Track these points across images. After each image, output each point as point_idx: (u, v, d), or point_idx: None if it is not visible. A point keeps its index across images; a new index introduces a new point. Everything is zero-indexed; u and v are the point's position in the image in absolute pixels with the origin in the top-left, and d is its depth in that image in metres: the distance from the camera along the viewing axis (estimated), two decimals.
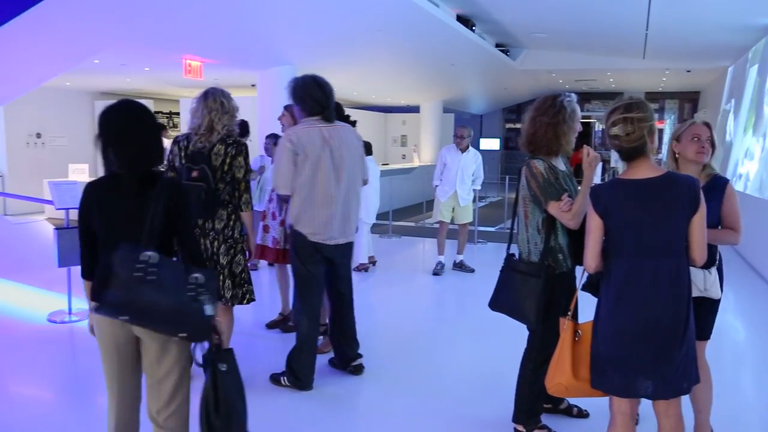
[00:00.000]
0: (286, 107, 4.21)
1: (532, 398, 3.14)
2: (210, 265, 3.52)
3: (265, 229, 4.84)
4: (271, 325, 5.00)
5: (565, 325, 2.57)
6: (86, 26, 6.72)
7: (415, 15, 8.11)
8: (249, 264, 3.73)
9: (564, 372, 2.51)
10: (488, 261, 8.16)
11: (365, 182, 3.90)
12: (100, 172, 2.34)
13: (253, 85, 11.86)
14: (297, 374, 3.77)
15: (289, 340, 4.71)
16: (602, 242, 2.41)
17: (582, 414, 3.48)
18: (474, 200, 7.52)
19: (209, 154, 3.47)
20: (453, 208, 7.19)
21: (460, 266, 7.31)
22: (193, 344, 2.30)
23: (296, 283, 3.77)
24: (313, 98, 3.58)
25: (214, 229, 3.51)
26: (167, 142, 10.18)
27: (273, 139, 6.53)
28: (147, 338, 2.26)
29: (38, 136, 13.49)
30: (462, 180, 7.11)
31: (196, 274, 2.17)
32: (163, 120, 16.80)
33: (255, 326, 5.03)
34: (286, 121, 4.67)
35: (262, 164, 6.19)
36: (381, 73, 12.07)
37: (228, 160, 3.48)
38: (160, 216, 2.20)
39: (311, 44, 8.99)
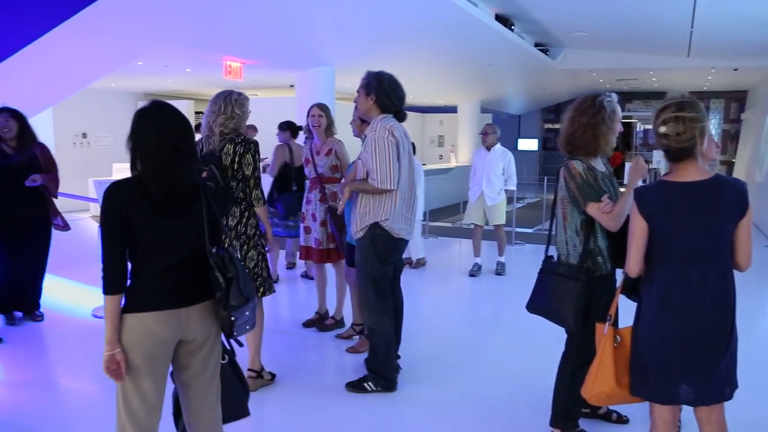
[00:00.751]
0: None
1: (570, 402, 3.10)
2: None
3: (307, 230, 4.86)
4: (307, 324, 5.04)
5: (605, 330, 2.51)
6: (131, 29, 6.89)
7: (454, 15, 8.07)
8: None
9: (606, 379, 2.46)
10: (525, 263, 8.07)
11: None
12: None
13: (291, 86, 11.98)
14: (386, 375, 3.78)
15: (325, 339, 4.77)
16: (646, 246, 2.36)
17: (621, 420, 3.41)
18: (510, 201, 7.43)
19: (220, 154, 3.54)
20: (484, 210, 7.13)
21: (500, 267, 7.22)
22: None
23: (372, 285, 3.69)
24: (398, 96, 3.64)
25: (227, 225, 3.59)
26: None
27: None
28: (197, 337, 2.23)
29: (84, 136, 13.87)
30: (488, 179, 7.00)
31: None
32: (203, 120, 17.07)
33: (291, 324, 5.08)
34: (321, 121, 4.72)
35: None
36: (419, 74, 12.03)
37: (237, 159, 3.54)
38: (213, 217, 2.27)
39: (350, 45, 9.04)
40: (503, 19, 9.94)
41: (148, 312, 2.12)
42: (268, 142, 8.36)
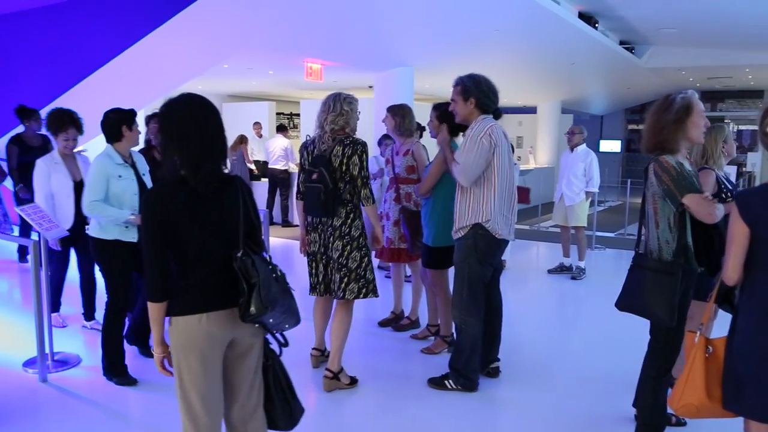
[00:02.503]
0: (438, 112, 4.19)
1: (657, 409, 2.99)
2: (323, 261, 3.74)
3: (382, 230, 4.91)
4: (383, 323, 5.08)
5: (696, 339, 2.40)
6: (220, 34, 7.17)
7: (536, 13, 7.92)
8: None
9: (696, 391, 2.35)
10: (605, 268, 7.84)
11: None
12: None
13: (370, 87, 12.10)
14: (468, 375, 3.76)
15: (401, 339, 4.79)
16: (746, 253, 2.24)
17: (680, 423, 3.34)
18: (591, 204, 7.25)
19: (329, 156, 3.61)
20: (565, 211, 7.03)
21: (575, 271, 7.07)
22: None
23: (467, 285, 3.67)
24: (494, 94, 3.66)
25: (332, 225, 3.65)
26: (287, 142, 10.62)
27: (390, 140, 6.61)
28: (248, 339, 2.21)
29: None
30: (568, 180, 6.95)
31: (278, 267, 2.23)
32: (284, 121, 17.54)
33: (367, 323, 5.13)
34: (389, 123, 4.74)
35: (379, 167, 6.22)
36: (498, 74, 11.83)
37: (345, 161, 3.60)
38: (249, 216, 2.21)
39: (429, 45, 9.04)
40: (587, 17, 9.68)
41: (203, 313, 2.09)
42: None
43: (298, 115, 16.21)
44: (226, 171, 2.21)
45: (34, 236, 4.43)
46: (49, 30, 7.82)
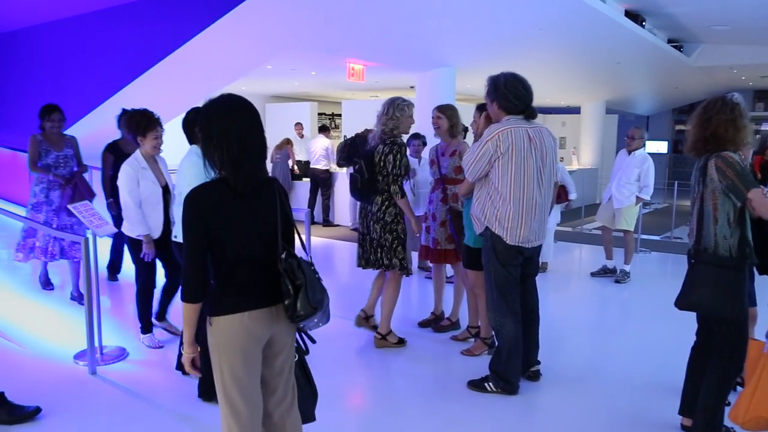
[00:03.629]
0: (481, 111, 4.18)
1: (720, 410, 2.92)
2: (367, 240, 4.45)
3: (427, 230, 4.91)
4: (423, 324, 5.08)
5: (765, 349, 2.32)
6: (265, 35, 7.27)
7: (581, 12, 7.79)
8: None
9: (765, 403, 2.27)
10: (650, 272, 7.67)
11: (556, 184, 3.86)
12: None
13: (412, 87, 12.11)
14: (508, 378, 3.74)
15: (441, 340, 4.78)
16: None
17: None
18: (639, 207, 7.10)
19: (373, 152, 4.29)
20: (613, 213, 6.88)
21: (620, 275, 6.92)
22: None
23: (495, 287, 3.69)
24: (517, 97, 3.55)
25: (371, 211, 4.39)
26: (328, 143, 10.71)
27: (418, 139, 6.61)
28: (283, 336, 2.24)
29: None
30: (619, 182, 6.80)
31: (313, 267, 2.24)
32: (326, 121, 17.69)
33: (407, 324, 5.13)
34: (443, 123, 4.72)
35: (411, 167, 6.17)
36: (541, 74, 11.73)
37: (383, 158, 4.26)
38: (288, 217, 2.22)
39: (471, 45, 8.99)
40: (633, 15, 9.47)
41: (244, 312, 2.12)
42: None
43: (340, 115, 16.33)
44: (265, 172, 2.23)
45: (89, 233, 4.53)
46: (100, 33, 8.08)
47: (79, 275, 5.19)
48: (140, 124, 4.11)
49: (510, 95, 3.53)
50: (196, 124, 3.66)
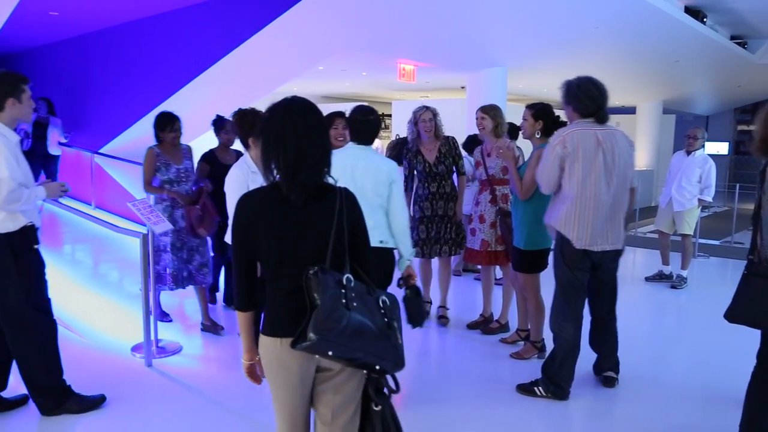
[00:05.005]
0: (533, 110, 4.15)
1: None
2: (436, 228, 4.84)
3: (472, 232, 4.87)
4: (471, 326, 5.04)
5: None
6: (317, 36, 7.36)
7: (639, 9, 7.60)
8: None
9: None
10: (708, 277, 7.40)
11: (633, 189, 3.76)
12: None
13: (462, 87, 12.05)
14: (559, 383, 3.70)
15: (490, 342, 4.74)
16: None
17: None
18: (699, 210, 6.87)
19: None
20: (672, 217, 6.68)
21: (676, 280, 6.72)
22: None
23: (560, 289, 3.69)
24: (589, 97, 3.53)
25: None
26: (378, 143, 10.74)
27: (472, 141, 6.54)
28: (334, 368, 2.00)
29: None
30: (679, 184, 6.58)
31: (384, 297, 1.97)
32: None
33: (455, 325, 5.10)
34: (488, 124, 4.69)
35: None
36: (596, 73, 11.38)
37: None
38: (344, 233, 1.97)
39: (523, 45, 8.88)
40: (694, 12, 9.18)
41: (276, 337, 1.95)
42: None
43: (390, 115, 16.38)
44: (329, 180, 2.03)
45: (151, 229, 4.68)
46: (158, 36, 8.33)
47: (207, 302, 4.87)
48: (254, 125, 3.77)
49: (582, 96, 3.53)
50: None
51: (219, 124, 5.05)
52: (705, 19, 9.46)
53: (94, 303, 5.57)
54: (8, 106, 3.12)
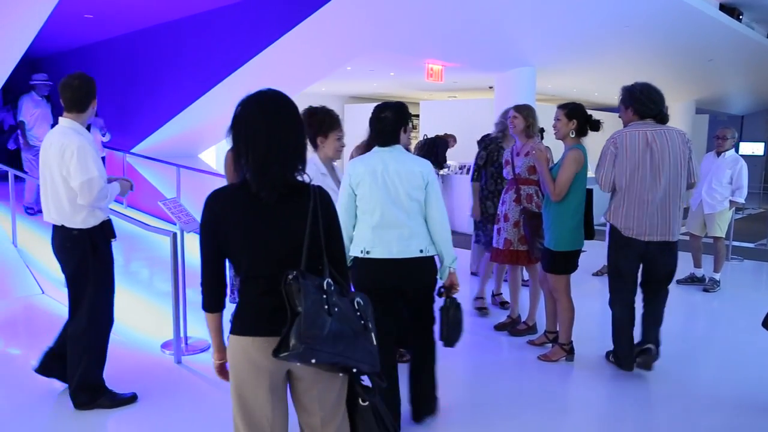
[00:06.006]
0: (566, 110, 4.15)
1: None
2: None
3: (498, 232, 4.85)
4: (499, 327, 5.01)
5: None
6: (344, 37, 7.38)
7: (671, 7, 7.46)
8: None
9: None
10: (743, 280, 7.25)
11: (691, 185, 3.99)
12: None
13: (490, 87, 11.97)
14: (617, 354, 4.10)
15: (517, 344, 4.71)
16: None
17: None
18: (732, 212, 6.73)
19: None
20: (703, 219, 6.55)
21: (709, 283, 6.59)
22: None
23: (609, 274, 4.10)
24: (652, 100, 3.88)
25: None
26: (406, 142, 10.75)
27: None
28: (309, 374, 1.93)
29: None
30: (709, 186, 6.46)
31: (358, 298, 1.91)
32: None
33: (483, 327, 5.08)
34: (519, 123, 4.66)
35: None
36: (625, 73, 11.30)
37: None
38: (320, 233, 1.89)
39: (552, 45, 8.80)
40: (729, 9, 8.97)
41: (247, 336, 1.89)
42: (468, 145, 8.46)
43: (418, 116, 16.36)
44: (304, 178, 1.95)
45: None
46: (188, 38, 8.44)
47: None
48: (323, 123, 3.54)
49: (645, 99, 3.86)
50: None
51: None
52: (741, 17, 9.24)
53: (126, 300, 5.66)
54: (91, 108, 3.32)
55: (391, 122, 3.08)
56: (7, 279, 5.87)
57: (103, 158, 8.72)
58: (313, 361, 1.75)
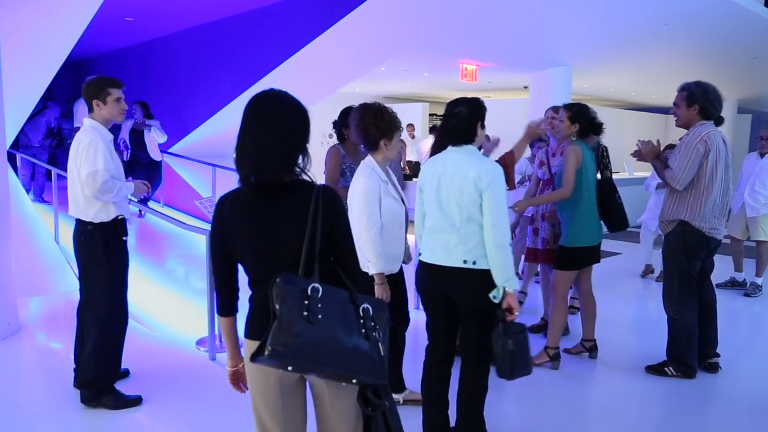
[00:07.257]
0: (570, 112, 4.10)
1: None
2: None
3: (535, 231, 4.80)
4: (533, 329, 4.95)
5: None
6: (379, 37, 7.39)
7: (712, 4, 7.28)
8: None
9: None
10: None
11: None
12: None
13: (525, 87, 11.86)
14: (688, 362, 4.04)
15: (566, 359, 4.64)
16: None
17: None
18: None
19: None
20: (745, 222, 6.38)
21: (750, 288, 6.41)
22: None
23: (678, 277, 3.98)
24: (719, 102, 3.91)
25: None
26: (428, 143, 10.74)
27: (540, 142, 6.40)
28: (317, 381, 1.92)
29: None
30: (752, 188, 6.30)
31: (365, 305, 1.81)
32: (437, 122, 17.72)
33: None
34: (563, 127, 4.59)
35: (528, 172, 6.01)
36: (664, 72, 11.08)
37: None
38: (321, 235, 1.82)
39: (588, 44, 8.66)
40: None
41: (255, 340, 1.83)
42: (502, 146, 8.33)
43: None
44: (307, 177, 1.91)
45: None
46: (224, 40, 8.56)
47: None
48: (392, 124, 3.24)
49: (716, 101, 3.87)
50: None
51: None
52: None
53: (162, 297, 5.77)
54: (95, 107, 3.42)
55: (465, 119, 2.86)
56: (49, 275, 6.04)
57: (160, 164, 8.72)
58: (290, 368, 1.69)
